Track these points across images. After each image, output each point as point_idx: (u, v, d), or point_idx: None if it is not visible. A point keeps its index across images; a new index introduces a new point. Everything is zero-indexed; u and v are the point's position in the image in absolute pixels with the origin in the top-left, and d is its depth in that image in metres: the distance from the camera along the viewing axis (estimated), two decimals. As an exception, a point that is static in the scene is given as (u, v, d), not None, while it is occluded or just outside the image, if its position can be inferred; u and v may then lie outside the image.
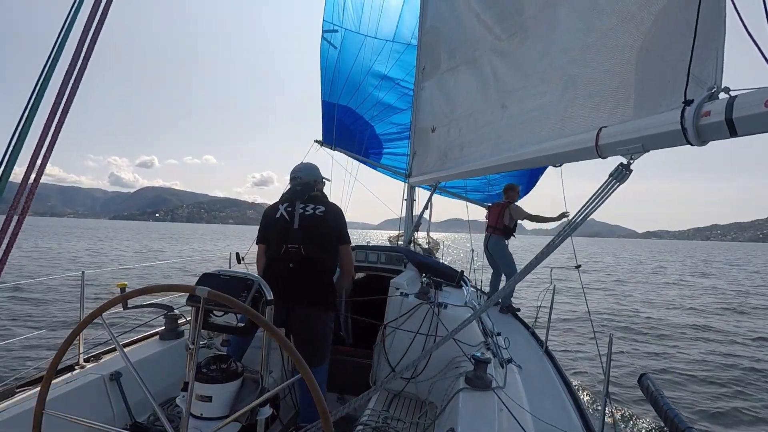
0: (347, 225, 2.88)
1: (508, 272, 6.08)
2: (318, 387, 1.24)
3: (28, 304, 10.92)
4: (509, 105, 2.64)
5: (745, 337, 10.28)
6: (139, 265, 19.28)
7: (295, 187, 2.80)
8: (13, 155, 1.19)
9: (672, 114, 1.29)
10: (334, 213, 2.73)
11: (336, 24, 7.25)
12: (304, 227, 2.63)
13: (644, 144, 1.40)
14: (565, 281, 15.71)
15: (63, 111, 1.26)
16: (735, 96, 1.13)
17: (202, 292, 1.26)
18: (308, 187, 2.78)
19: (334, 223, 2.71)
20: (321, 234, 2.65)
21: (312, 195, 2.75)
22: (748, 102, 1.07)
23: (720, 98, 1.17)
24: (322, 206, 2.70)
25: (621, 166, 1.45)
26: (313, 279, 2.58)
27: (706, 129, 1.19)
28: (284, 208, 2.71)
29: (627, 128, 1.49)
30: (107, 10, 1.34)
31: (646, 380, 1.83)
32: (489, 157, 2.87)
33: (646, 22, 1.55)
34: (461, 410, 2.06)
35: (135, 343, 2.89)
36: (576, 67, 1.95)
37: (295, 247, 2.59)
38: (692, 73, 1.28)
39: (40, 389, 1.34)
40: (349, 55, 7.45)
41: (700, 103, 1.20)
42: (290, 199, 2.75)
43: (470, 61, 3.43)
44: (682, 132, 1.24)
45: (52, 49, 1.27)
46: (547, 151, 2.02)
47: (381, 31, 7.32)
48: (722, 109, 1.12)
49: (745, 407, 6.11)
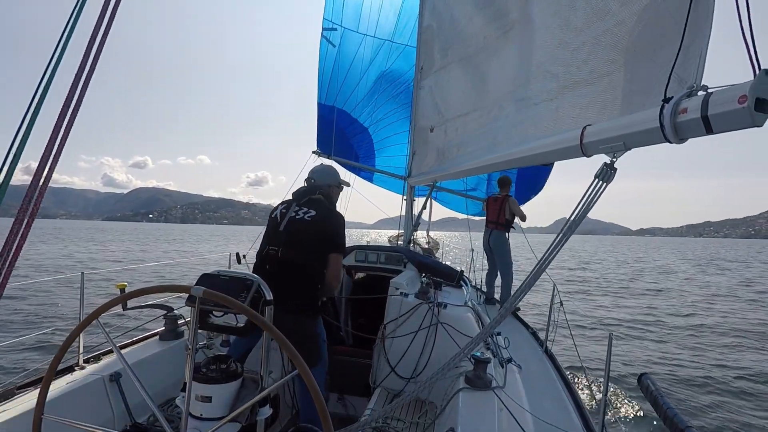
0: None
1: (504, 270, 6.07)
2: (316, 385, 1.24)
3: (28, 304, 10.92)
4: (503, 104, 2.65)
5: (746, 336, 10.28)
6: (141, 265, 19.29)
7: (300, 189, 2.75)
8: (14, 160, 1.19)
9: (651, 111, 1.30)
10: (328, 219, 2.58)
11: (335, 22, 7.22)
12: (290, 231, 2.53)
13: (626, 142, 1.41)
14: (565, 282, 15.72)
15: (71, 118, 1.26)
16: (710, 93, 1.14)
17: (197, 292, 1.27)
18: (311, 190, 2.69)
19: (325, 229, 2.54)
20: (306, 238, 2.49)
21: (312, 198, 2.65)
22: (723, 99, 1.08)
23: (699, 95, 1.18)
24: (314, 210, 2.57)
25: (605, 165, 1.46)
26: (289, 283, 2.41)
27: (683, 126, 1.20)
28: (281, 209, 2.66)
29: (609, 126, 1.51)
30: (113, 16, 1.35)
31: (646, 380, 1.84)
32: (484, 156, 2.88)
33: (635, 23, 1.56)
34: (461, 410, 2.06)
35: (135, 343, 2.89)
36: (566, 68, 1.96)
37: (275, 249, 2.49)
38: (676, 73, 1.29)
39: (39, 392, 1.35)
40: (347, 54, 7.42)
41: (677, 100, 1.21)
42: (291, 200, 2.71)
43: (463, 58, 3.44)
44: (661, 129, 1.25)
45: (52, 56, 1.27)
46: (537, 150, 2.04)
47: (380, 30, 7.30)
48: (698, 106, 1.13)
49: (744, 406, 6.10)
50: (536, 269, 1.59)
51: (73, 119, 1.27)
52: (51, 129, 1.24)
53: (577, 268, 29.32)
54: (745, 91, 1.02)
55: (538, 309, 10.73)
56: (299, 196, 2.68)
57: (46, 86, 1.26)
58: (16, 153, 1.20)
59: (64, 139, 1.25)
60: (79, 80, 1.28)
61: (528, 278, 1.63)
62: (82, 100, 1.28)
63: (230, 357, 1.63)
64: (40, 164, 1.23)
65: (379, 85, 7.58)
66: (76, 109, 1.28)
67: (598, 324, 11.03)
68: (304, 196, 2.67)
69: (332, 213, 2.65)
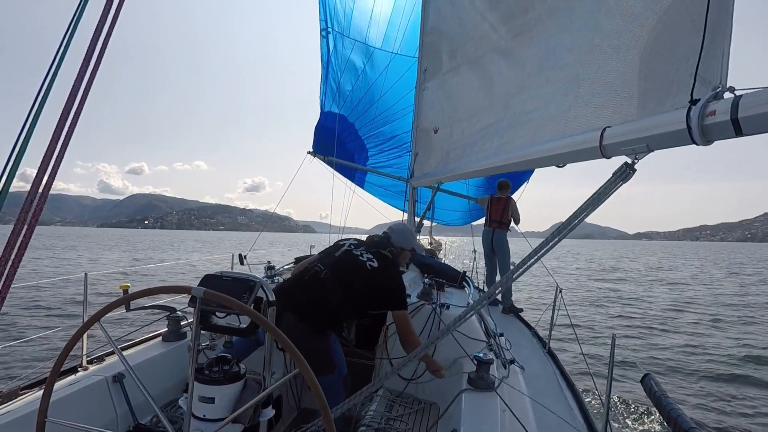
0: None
1: (504, 268, 6.15)
2: (318, 383, 1.24)
3: (32, 306, 10.96)
4: (513, 105, 2.63)
5: (750, 337, 10.23)
6: (145, 266, 19.32)
7: (375, 237, 2.75)
8: (14, 166, 1.19)
9: (677, 113, 1.28)
10: (383, 275, 2.51)
11: (329, 27, 7.17)
12: (344, 263, 2.51)
13: (649, 144, 1.40)
14: (568, 283, 15.66)
15: (71, 124, 1.26)
16: (740, 95, 1.13)
17: (198, 292, 1.27)
18: (384, 245, 2.68)
19: (380, 284, 2.47)
20: (350, 277, 2.45)
21: (381, 252, 2.61)
22: (754, 101, 1.07)
23: (725, 98, 1.17)
24: (376, 262, 2.52)
25: (625, 165, 1.45)
26: (316, 304, 2.37)
27: (712, 128, 1.18)
28: (351, 242, 2.68)
29: (632, 128, 1.49)
30: (116, 18, 1.35)
31: (650, 380, 1.83)
32: (492, 158, 2.86)
33: (650, 21, 1.54)
34: (464, 411, 2.05)
35: (138, 344, 2.90)
36: (580, 67, 1.94)
37: (321, 267, 2.49)
38: (699, 73, 1.28)
39: (42, 394, 1.35)
40: (341, 61, 7.38)
41: (705, 102, 1.20)
42: (361, 242, 2.71)
43: (472, 60, 3.43)
44: (688, 131, 1.23)
45: (52, 62, 1.27)
46: (551, 152, 2.02)
47: (370, 38, 7.28)
48: (728, 109, 1.12)
49: (748, 407, 6.08)
50: (537, 256, 1.61)
51: (73, 126, 1.26)
52: (48, 135, 1.24)
53: (610, 278, 24.65)
54: None
55: (540, 310, 10.70)
56: (371, 245, 2.68)
57: (46, 92, 1.25)
58: (16, 160, 1.19)
59: (64, 146, 1.24)
60: (80, 86, 1.28)
61: (526, 266, 1.63)
62: (83, 108, 1.29)
63: (233, 358, 1.64)
64: (39, 171, 1.22)
65: (371, 93, 7.57)
66: (76, 116, 1.27)
67: (602, 324, 10.97)
68: (375, 246, 2.66)
69: (394, 273, 2.62)
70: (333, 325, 2.42)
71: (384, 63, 7.37)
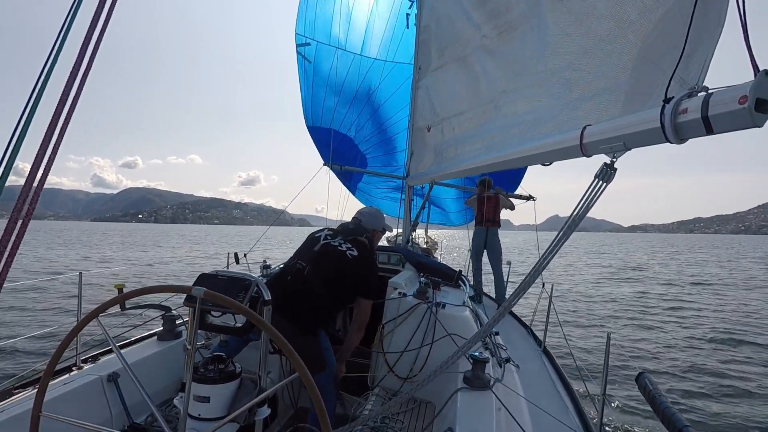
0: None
1: (500, 269, 6.19)
2: (314, 385, 1.24)
3: (26, 305, 10.89)
4: (501, 105, 2.65)
5: (746, 336, 10.31)
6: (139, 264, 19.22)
7: (348, 225, 2.80)
8: (11, 159, 1.18)
9: (652, 112, 1.30)
10: (367, 265, 2.63)
11: (308, 36, 7.09)
12: (325, 255, 2.56)
13: (626, 142, 1.42)
14: (562, 282, 15.71)
15: (66, 116, 1.25)
16: (711, 93, 1.14)
17: (198, 293, 1.26)
18: (359, 231, 2.73)
19: (362, 274, 2.57)
20: (334, 270, 2.51)
21: (358, 239, 2.68)
22: (723, 99, 1.08)
23: (699, 96, 1.19)
24: (357, 251, 2.60)
25: (605, 165, 1.47)
26: (304, 302, 2.42)
27: (684, 126, 1.20)
28: (325, 233, 2.72)
29: (609, 126, 1.51)
30: (111, 13, 1.34)
31: (644, 379, 1.84)
32: (482, 156, 2.88)
33: (650, 30, 1.55)
34: (459, 410, 2.05)
35: (133, 343, 2.88)
36: (568, 70, 1.96)
37: (303, 264, 2.53)
38: (679, 75, 1.29)
39: (37, 391, 1.34)
40: (323, 70, 7.31)
41: (678, 100, 1.21)
42: (336, 231, 2.75)
43: (459, 58, 3.44)
44: (661, 129, 1.25)
45: (50, 53, 1.26)
46: (536, 150, 2.04)
47: (350, 44, 7.27)
48: (698, 107, 1.13)
49: (742, 406, 6.12)
50: (536, 268, 1.59)
51: (68, 121, 1.26)
52: (42, 130, 1.23)
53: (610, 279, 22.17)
54: (746, 92, 1.02)
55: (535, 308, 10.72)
56: (346, 233, 2.72)
57: (42, 88, 1.25)
58: (11, 156, 1.19)
59: (58, 141, 1.24)
60: (74, 81, 1.28)
61: (527, 277, 1.63)
62: (77, 102, 1.28)
63: (228, 357, 1.63)
64: (33, 166, 1.21)
65: (357, 99, 7.62)
66: (71, 111, 1.27)
67: (597, 322, 11.04)
68: (351, 234, 2.71)
69: (372, 261, 2.72)
70: (321, 323, 2.46)
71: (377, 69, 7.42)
